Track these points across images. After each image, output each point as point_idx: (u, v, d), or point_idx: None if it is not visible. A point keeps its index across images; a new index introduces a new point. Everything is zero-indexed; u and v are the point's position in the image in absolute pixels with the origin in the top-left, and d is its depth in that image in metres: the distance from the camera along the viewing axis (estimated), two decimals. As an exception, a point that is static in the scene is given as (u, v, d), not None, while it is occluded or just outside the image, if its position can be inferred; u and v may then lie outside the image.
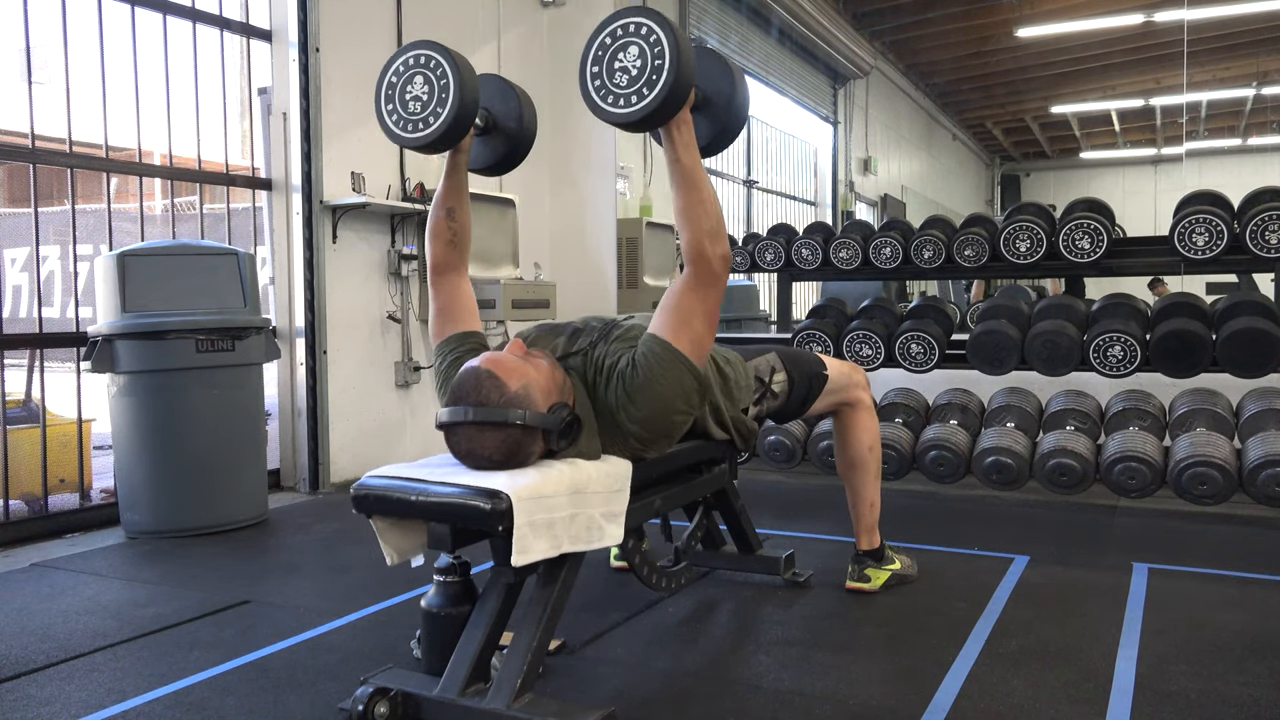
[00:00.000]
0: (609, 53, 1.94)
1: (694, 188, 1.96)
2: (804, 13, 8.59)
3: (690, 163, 1.97)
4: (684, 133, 1.97)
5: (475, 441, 1.84)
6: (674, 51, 1.86)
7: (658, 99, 1.88)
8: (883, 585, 2.66)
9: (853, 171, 11.07)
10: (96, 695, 2.04)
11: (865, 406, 2.67)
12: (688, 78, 1.89)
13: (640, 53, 1.89)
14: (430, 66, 2.14)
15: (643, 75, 1.89)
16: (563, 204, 5.73)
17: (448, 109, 2.11)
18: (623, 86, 1.92)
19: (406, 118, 2.16)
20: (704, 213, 1.96)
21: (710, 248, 1.95)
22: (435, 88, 2.13)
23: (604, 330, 2.11)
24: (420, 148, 2.17)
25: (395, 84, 2.17)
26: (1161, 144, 15.33)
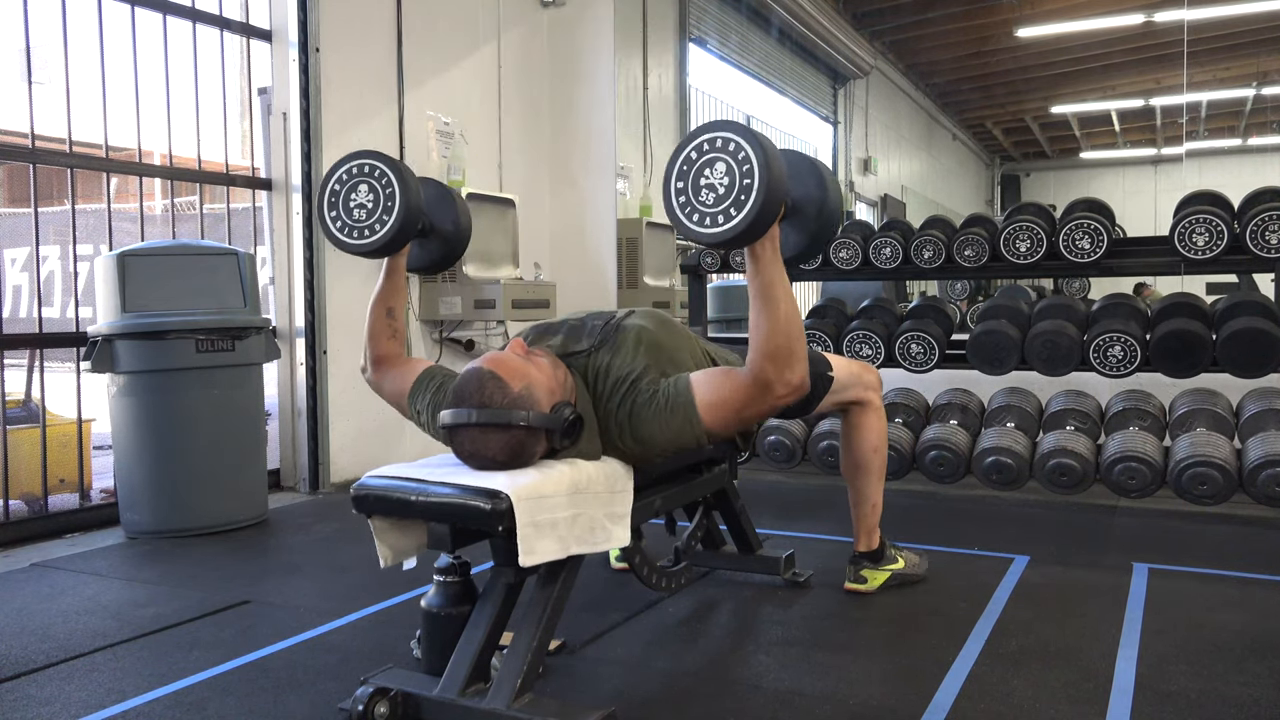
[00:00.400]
0: (695, 167, 1.84)
1: (769, 304, 1.85)
2: (804, 13, 8.59)
3: (769, 277, 1.85)
4: (767, 248, 1.86)
5: (479, 443, 1.84)
6: (764, 171, 1.76)
7: (746, 220, 1.77)
8: (881, 586, 2.64)
9: (853, 171, 11.07)
10: (96, 695, 2.04)
11: (873, 407, 2.63)
12: (777, 197, 1.79)
13: (728, 170, 1.79)
14: (375, 175, 2.22)
15: (730, 194, 1.79)
16: (563, 204, 5.73)
17: (394, 217, 2.18)
18: (709, 205, 1.81)
19: (351, 224, 2.22)
20: (774, 331, 1.84)
21: (773, 370, 1.85)
22: (380, 196, 2.19)
23: (606, 330, 2.09)
24: (365, 254, 2.24)
25: (339, 191, 2.24)
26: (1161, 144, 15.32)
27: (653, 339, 2.07)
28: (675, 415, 1.92)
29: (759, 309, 1.86)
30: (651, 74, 6.41)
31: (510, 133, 5.37)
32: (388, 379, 2.28)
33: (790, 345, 1.85)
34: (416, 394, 2.20)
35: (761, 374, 1.86)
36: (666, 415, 1.92)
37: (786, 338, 1.85)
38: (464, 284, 4.58)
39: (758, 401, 1.90)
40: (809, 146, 10.58)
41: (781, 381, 1.86)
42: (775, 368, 1.85)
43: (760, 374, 1.86)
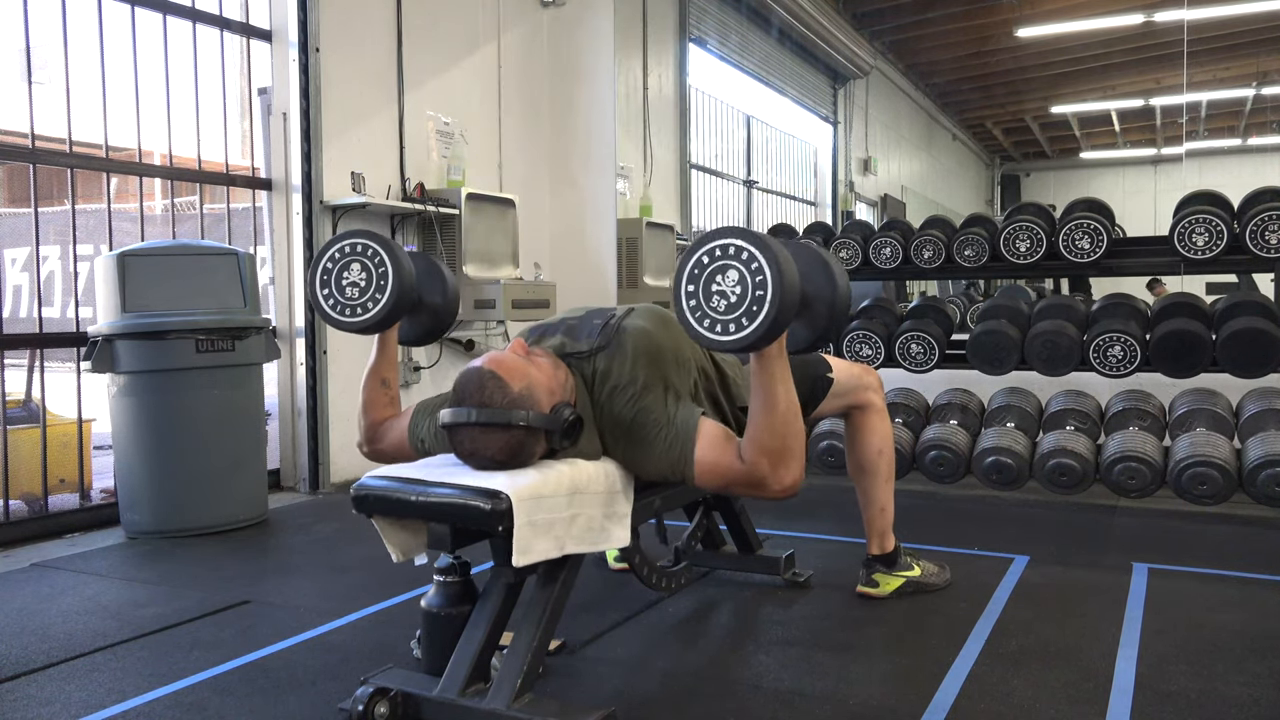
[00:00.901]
0: (707, 271, 1.82)
1: (770, 401, 1.85)
2: (804, 13, 8.59)
3: (769, 376, 1.84)
4: (773, 348, 1.84)
5: (479, 442, 1.84)
6: (777, 283, 1.74)
7: (759, 331, 1.75)
8: (894, 591, 2.60)
9: (853, 171, 11.07)
10: (96, 695, 2.04)
11: (876, 409, 2.62)
12: (790, 309, 1.78)
13: (740, 278, 1.77)
14: (368, 255, 2.25)
15: (742, 304, 1.76)
16: (563, 204, 5.73)
17: (386, 295, 2.23)
18: (720, 312, 1.79)
19: (344, 302, 2.27)
20: (771, 430, 1.84)
21: (769, 468, 1.85)
22: (373, 275, 2.24)
23: (606, 331, 2.07)
24: (358, 331, 2.29)
25: (331, 270, 2.28)
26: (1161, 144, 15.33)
27: (653, 343, 2.05)
28: (672, 453, 1.93)
29: (759, 406, 1.86)
30: (651, 74, 6.42)
31: (510, 133, 5.37)
32: (386, 436, 2.30)
33: (786, 446, 1.86)
34: (416, 426, 2.22)
35: (756, 469, 1.86)
36: (664, 448, 1.93)
37: (783, 439, 1.85)
38: (464, 284, 4.58)
39: (747, 488, 1.91)
40: (809, 146, 10.58)
41: (775, 479, 1.86)
42: (770, 466, 1.85)
43: (755, 468, 1.86)
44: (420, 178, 4.67)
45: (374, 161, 4.46)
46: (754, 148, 9.20)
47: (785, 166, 10.06)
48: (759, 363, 1.86)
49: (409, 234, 4.65)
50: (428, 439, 2.19)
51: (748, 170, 9.06)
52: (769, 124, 9.53)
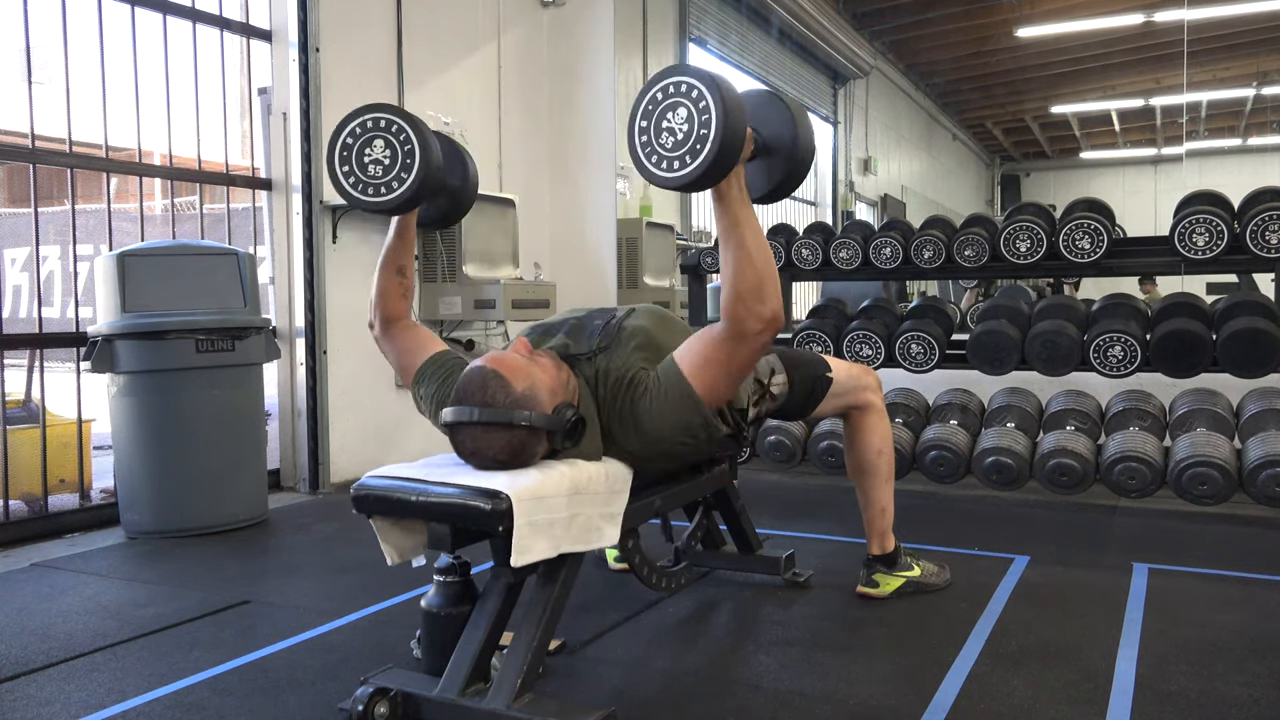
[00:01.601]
0: (657, 111, 1.84)
1: (736, 242, 1.85)
2: (804, 13, 8.59)
3: (736, 216, 1.85)
4: (733, 187, 1.85)
5: (480, 442, 1.84)
6: (720, 116, 1.76)
7: (702, 166, 1.78)
8: (894, 592, 2.59)
9: (853, 171, 11.07)
10: (96, 695, 2.04)
11: (875, 409, 2.62)
12: (734, 143, 1.79)
13: (688, 116, 1.80)
14: (392, 131, 2.13)
15: (689, 140, 1.80)
16: (563, 204, 5.73)
17: (413, 175, 2.12)
18: (668, 149, 1.83)
19: (366, 181, 2.15)
20: (743, 268, 1.84)
21: (744, 307, 1.84)
22: (399, 153, 2.13)
23: (608, 331, 2.08)
24: (381, 211, 2.18)
25: (351, 145, 2.17)
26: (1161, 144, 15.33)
27: (650, 339, 2.06)
28: (671, 398, 1.91)
29: (727, 248, 1.86)
30: (652, 74, 6.41)
31: (510, 133, 5.37)
32: (396, 345, 2.25)
33: (761, 279, 1.84)
34: (423, 379, 2.19)
35: (735, 314, 1.85)
36: (663, 403, 1.92)
37: (757, 273, 1.84)
38: (464, 284, 4.58)
39: (738, 345, 1.89)
40: (809, 146, 10.56)
41: (755, 317, 1.84)
42: (746, 305, 1.84)
43: (734, 314, 1.85)
44: (420, 178, 4.67)
45: (374, 161, 4.45)
46: (754, 148, 9.19)
47: (785, 166, 10.04)
48: (719, 204, 1.87)
49: (409, 234, 4.64)
50: (427, 401, 2.17)
51: (748, 170, 9.05)
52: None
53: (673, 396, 1.91)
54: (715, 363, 1.90)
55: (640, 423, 1.95)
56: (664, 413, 1.92)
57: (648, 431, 1.95)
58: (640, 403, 1.94)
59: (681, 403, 1.91)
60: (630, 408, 1.95)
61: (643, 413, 1.94)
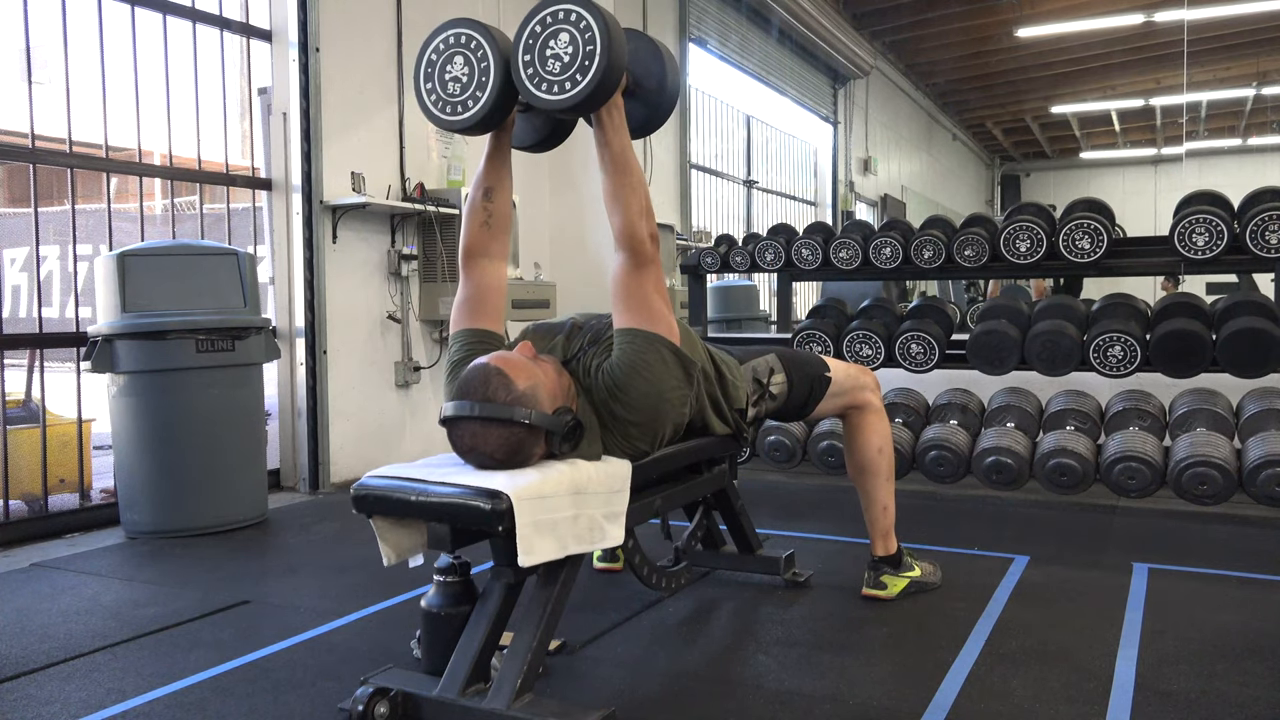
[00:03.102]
0: (540, 39, 1.92)
1: (624, 171, 1.98)
2: (804, 13, 8.59)
3: (620, 146, 1.98)
4: (614, 117, 1.98)
5: (479, 438, 1.84)
6: (605, 39, 1.85)
7: (589, 87, 1.87)
8: (900, 593, 2.60)
9: (853, 171, 11.07)
10: (96, 695, 2.04)
11: (874, 409, 2.62)
12: (619, 65, 1.88)
13: (571, 39, 1.88)
14: (470, 46, 2.06)
15: (575, 63, 1.88)
16: (563, 204, 5.73)
17: (487, 92, 2.05)
18: (555, 73, 1.90)
19: (446, 99, 2.09)
20: (634, 194, 1.98)
21: (641, 227, 1.98)
22: (475, 69, 2.06)
23: (596, 331, 2.10)
24: (460, 129, 2.12)
25: (435, 62, 2.10)
26: (1161, 144, 15.34)
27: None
28: (639, 350, 1.96)
29: (618, 176, 1.98)
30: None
31: (510, 133, 5.37)
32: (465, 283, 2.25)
33: (646, 203, 2.00)
34: (456, 341, 2.18)
35: (635, 236, 1.97)
36: (635, 359, 1.95)
37: (644, 197, 2.00)
38: (464, 284, 4.58)
39: (644, 267, 1.99)
40: (809, 146, 10.59)
41: (649, 236, 1.99)
42: (641, 225, 1.98)
43: (633, 236, 1.97)
44: (420, 178, 4.68)
45: (374, 161, 4.46)
46: (754, 148, 9.20)
47: (785, 166, 10.07)
48: (603, 132, 1.98)
49: (409, 234, 4.65)
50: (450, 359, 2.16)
51: (748, 170, 9.06)
52: (769, 124, 9.53)
53: (638, 344, 1.96)
54: (644, 296, 1.99)
55: (625, 388, 1.95)
56: (640, 362, 1.95)
57: (633, 390, 1.95)
58: (617, 375, 1.96)
59: (649, 346, 1.96)
60: (611, 380, 1.97)
61: (622, 377, 1.95)
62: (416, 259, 4.63)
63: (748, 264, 4.49)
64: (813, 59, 9.85)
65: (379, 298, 4.51)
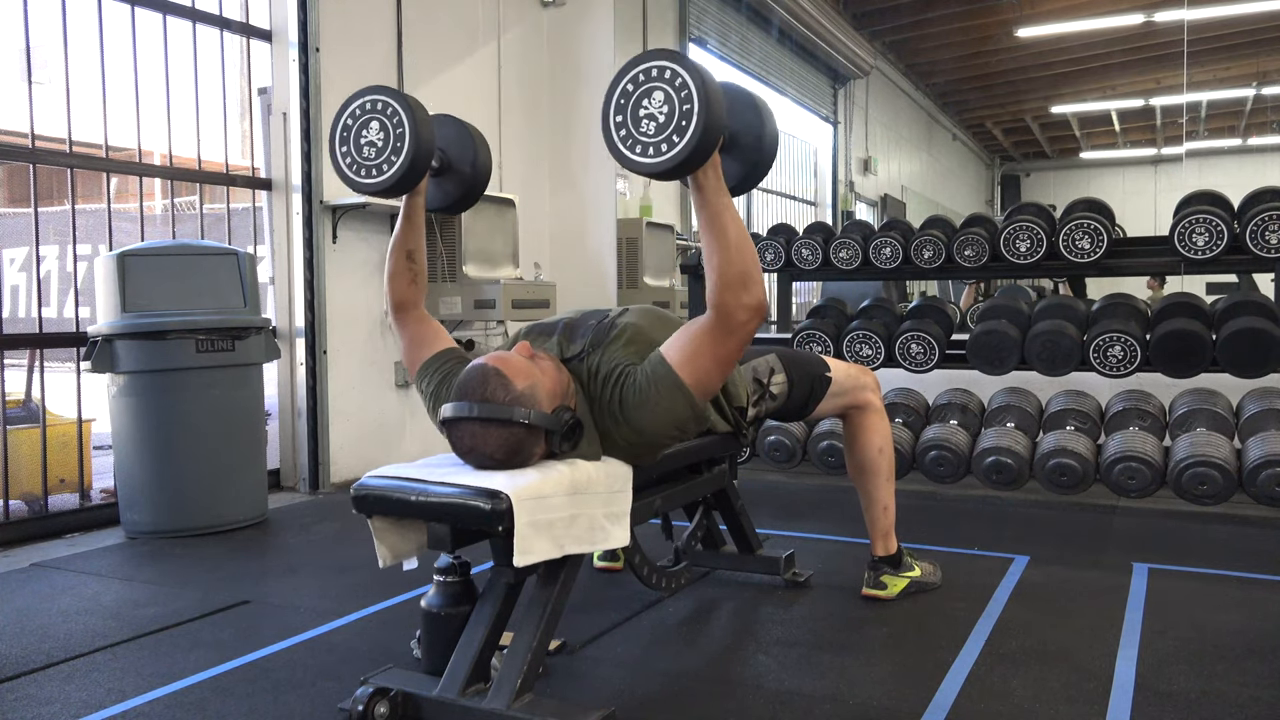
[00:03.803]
0: (633, 99, 1.83)
1: (719, 233, 1.84)
2: (804, 13, 8.59)
3: (717, 207, 1.85)
4: (711, 177, 1.85)
5: (478, 438, 1.84)
6: (702, 98, 1.76)
7: (687, 149, 1.76)
8: (900, 593, 2.60)
9: (853, 171, 11.07)
10: (96, 695, 2.04)
11: (874, 409, 2.62)
12: (717, 124, 1.79)
13: (666, 99, 1.79)
14: (385, 112, 2.14)
15: (670, 123, 1.78)
16: (563, 204, 5.73)
17: (403, 155, 2.11)
18: (650, 135, 1.81)
19: (361, 163, 2.16)
20: (728, 259, 1.84)
21: (731, 296, 1.84)
22: (390, 134, 2.13)
23: (600, 330, 2.09)
24: (376, 193, 2.18)
25: (350, 127, 2.18)
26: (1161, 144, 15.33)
27: (640, 333, 2.06)
28: (661, 391, 1.91)
29: (711, 239, 1.86)
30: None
31: (510, 133, 5.37)
32: (405, 334, 2.27)
33: (745, 269, 1.85)
34: (426, 374, 2.21)
35: (722, 304, 1.85)
36: (653, 394, 1.91)
37: (741, 263, 1.85)
38: (464, 284, 4.58)
39: (725, 335, 1.89)
40: (809, 146, 10.58)
41: (741, 307, 1.85)
42: (734, 294, 1.84)
43: (721, 305, 1.85)
44: (420, 178, 4.67)
45: (374, 161, 4.45)
46: (754, 148, 9.18)
47: (785, 166, 10.06)
48: (700, 194, 1.86)
49: (409, 234, 4.65)
50: (426, 392, 2.19)
51: (748, 170, 9.04)
52: (769, 124, 9.52)
53: (661, 388, 1.91)
54: (703, 353, 1.90)
55: (629, 416, 1.94)
56: (653, 404, 1.91)
57: (635, 422, 1.94)
58: (628, 395, 1.94)
59: (670, 393, 1.91)
60: (618, 401, 1.95)
61: (631, 405, 1.93)
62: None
63: (748, 264, 4.47)
64: (813, 59, 9.85)
65: (379, 298, 4.51)
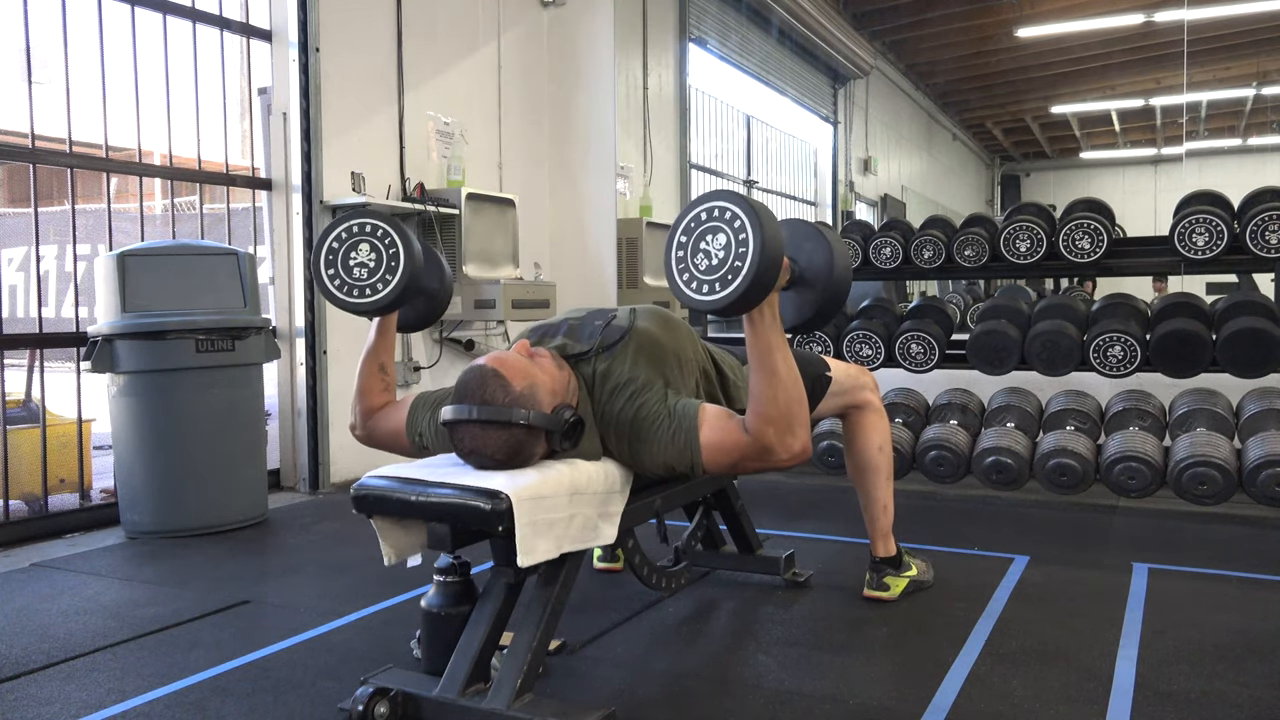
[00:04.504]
0: (697, 232, 1.85)
1: (769, 372, 1.84)
2: (804, 13, 8.59)
3: (764, 346, 1.85)
4: (765, 315, 1.85)
5: (479, 440, 1.84)
6: (758, 248, 1.76)
7: (737, 292, 1.77)
8: (901, 593, 2.60)
9: (853, 171, 11.07)
10: (96, 695, 2.04)
11: (874, 409, 2.62)
12: (768, 276, 1.79)
13: (726, 243, 1.80)
14: (377, 235, 2.23)
15: (725, 264, 1.79)
16: (563, 204, 5.73)
17: (398, 277, 2.21)
18: (702, 272, 1.82)
19: (351, 283, 2.23)
20: (774, 399, 1.84)
21: (775, 437, 1.84)
22: (384, 256, 2.22)
23: (609, 332, 2.07)
24: (364, 312, 2.25)
25: (337, 249, 2.25)
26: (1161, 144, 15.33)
27: (653, 340, 2.05)
28: (677, 442, 1.92)
29: (758, 375, 1.86)
30: (651, 74, 6.41)
31: (510, 133, 5.37)
32: (380, 423, 2.31)
33: (790, 413, 1.85)
34: (414, 418, 2.23)
35: (763, 438, 1.85)
36: (668, 439, 1.93)
37: (786, 406, 1.84)
38: (464, 284, 4.58)
39: (756, 461, 1.89)
40: (809, 146, 10.58)
41: (783, 447, 1.85)
42: (776, 434, 1.84)
43: (761, 438, 1.85)
44: (420, 178, 4.67)
45: (374, 161, 4.46)
46: (754, 148, 9.20)
47: (785, 166, 10.06)
48: (753, 331, 1.87)
49: (409, 234, 4.65)
50: (427, 434, 2.19)
51: (748, 170, 9.06)
52: (769, 124, 9.53)
53: (679, 443, 1.92)
54: (730, 455, 1.91)
55: (637, 442, 1.96)
56: (666, 448, 1.94)
57: (639, 452, 1.96)
58: (643, 425, 1.95)
59: (682, 453, 1.93)
60: (632, 420, 1.96)
61: (644, 436, 1.95)
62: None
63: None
64: (813, 59, 9.84)
65: (379, 298, 4.50)
